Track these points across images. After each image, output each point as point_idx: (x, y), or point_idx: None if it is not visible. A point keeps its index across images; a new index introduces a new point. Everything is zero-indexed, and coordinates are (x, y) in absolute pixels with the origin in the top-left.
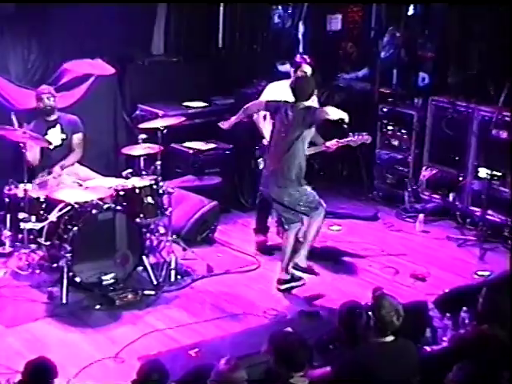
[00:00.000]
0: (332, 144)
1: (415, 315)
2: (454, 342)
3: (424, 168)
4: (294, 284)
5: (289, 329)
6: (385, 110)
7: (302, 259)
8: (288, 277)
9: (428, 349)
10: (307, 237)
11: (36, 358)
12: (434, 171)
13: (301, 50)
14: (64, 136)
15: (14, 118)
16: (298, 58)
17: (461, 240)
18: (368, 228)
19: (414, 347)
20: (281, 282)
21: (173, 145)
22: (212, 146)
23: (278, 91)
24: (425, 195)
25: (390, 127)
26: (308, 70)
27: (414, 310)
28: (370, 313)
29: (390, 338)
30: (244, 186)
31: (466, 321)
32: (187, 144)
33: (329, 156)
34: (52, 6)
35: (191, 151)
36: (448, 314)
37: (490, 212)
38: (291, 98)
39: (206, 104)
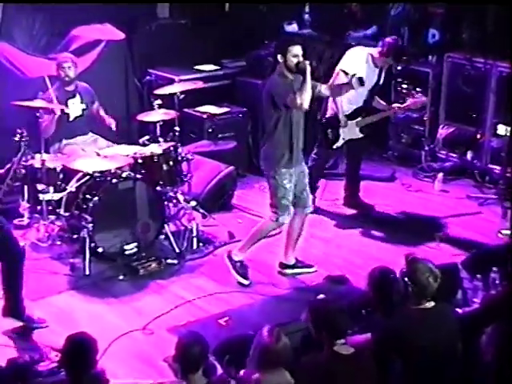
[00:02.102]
0: (394, 109)
1: (446, 277)
2: (485, 302)
3: (441, 126)
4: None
5: (322, 296)
6: (398, 68)
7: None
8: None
9: (459, 311)
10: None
11: (76, 333)
12: (450, 129)
13: (307, 9)
14: (84, 106)
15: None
16: None
17: (481, 199)
18: (386, 189)
19: (453, 312)
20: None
21: (185, 109)
22: (225, 109)
23: (360, 58)
24: (442, 154)
25: (404, 85)
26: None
27: (445, 272)
28: (405, 279)
29: (429, 304)
30: (259, 149)
31: (497, 281)
32: (200, 108)
33: None
34: None
35: (205, 116)
36: (478, 275)
37: (509, 169)
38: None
39: (216, 67)
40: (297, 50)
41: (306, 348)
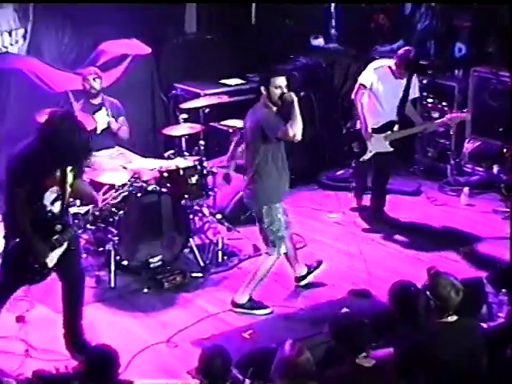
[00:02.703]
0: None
1: (471, 291)
2: (510, 317)
3: (467, 140)
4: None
5: (345, 310)
6: (424, 81)
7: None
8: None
9: (484, 325)
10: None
11: (99, 345)
12: (477, 143)
13: (333, 23)
14: (110, 119)
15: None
16: None
17: (507, 213)
18: (411, 203)
19: (477, 326)
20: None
21: (211, 123)
22: None
23: (377, 70)
24: (468, 168)
25: (429, 99)
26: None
27: (470, 286)
28: (427, 293)
29: (452, 318)
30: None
31: None
32: (226, 122)
33: None
34: None
35: (230, 129)
36: (503, 290)
37: None
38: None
39: (242, 81)
40: (280, 81)
41: (329, 361)
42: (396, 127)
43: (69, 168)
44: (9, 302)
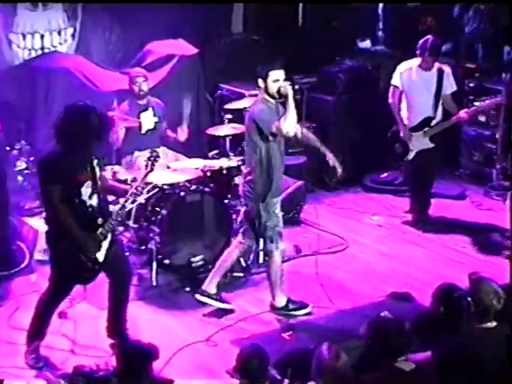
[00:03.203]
0: (462, 114)
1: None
2: None
3: None
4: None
5: (386, 313)
6: (471, 85)
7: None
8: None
9: None
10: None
11: (139, 342)
12: None
13: (380, 26)
14: (156, 119)
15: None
16: None
17: None
18: (455, 207)
19: None
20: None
21: None
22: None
23: (408, 71)
24: None
25: (476, 103)
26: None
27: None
28: (469, 298)
29: (492, 324)
30: (328, 165)
31: None
32: None
33: None
34: None
35: None
36: None
37: None
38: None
39: (288, 83)
40: (277, 74)
41: (364, 365)
42: (434, 122)
43: (95, 161)
44: None
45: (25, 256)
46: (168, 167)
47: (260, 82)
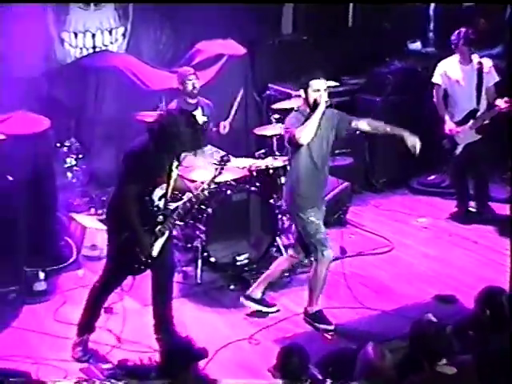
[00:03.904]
0: (501, 103)
1: None
2: None
3: None
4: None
5: (429, 315)
6: None
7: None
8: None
9: None
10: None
11: (184, 338)
12: None
13: (431, 27)
14: (205, 118)
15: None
16: None
17: None
18: (504, 210)
19: None
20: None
21: None
22: None
23: (448, 68)
24: None
25: None
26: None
27: None
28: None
29: None
30: (375, 166)
31: None
32: None
33: None
34: None
35: None
36: None
37: None
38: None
39: (337, 83)
40: (318, 84)
41: (407, 366)
42: (478, 114)
43: (175, 164)
44: None
45: (72, 251)
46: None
47: (301, 91)
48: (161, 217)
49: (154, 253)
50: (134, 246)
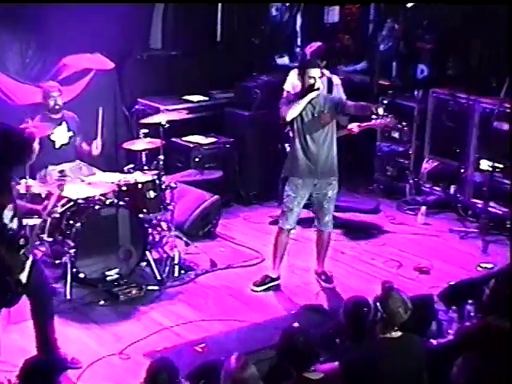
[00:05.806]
0: (354, 127)
1: (421, 308)
2: (459, 334)
3: (425, 160)
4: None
5: (296, 324)
6: (385, 102)
7: None
8: None
9: (434, 342)
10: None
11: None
12: (434, 163)
13: (299, 42)
14: (71, 134)
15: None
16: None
17: (463, 232)
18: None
19: (420, 343)
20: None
21: (173, 139)
22: (212, 139)
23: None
24: (426, 187)
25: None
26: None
27: (420, 303)
28: (377, 304)
29: (396, 334)
30: (245, 179)
31: (472, 313)
32: (187, 138)
33: None
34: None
35: (192, 145)
36: (453, 307)
37: (491, 204)
38: None
39: (205, 98)
40: (314, 72)
41: (274, 376)
42: None
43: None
44: None
45: None
46: (83, 181)
47: (299, 76)
48: (22, 239)
49: (24, 279)
50: (4, 276)
